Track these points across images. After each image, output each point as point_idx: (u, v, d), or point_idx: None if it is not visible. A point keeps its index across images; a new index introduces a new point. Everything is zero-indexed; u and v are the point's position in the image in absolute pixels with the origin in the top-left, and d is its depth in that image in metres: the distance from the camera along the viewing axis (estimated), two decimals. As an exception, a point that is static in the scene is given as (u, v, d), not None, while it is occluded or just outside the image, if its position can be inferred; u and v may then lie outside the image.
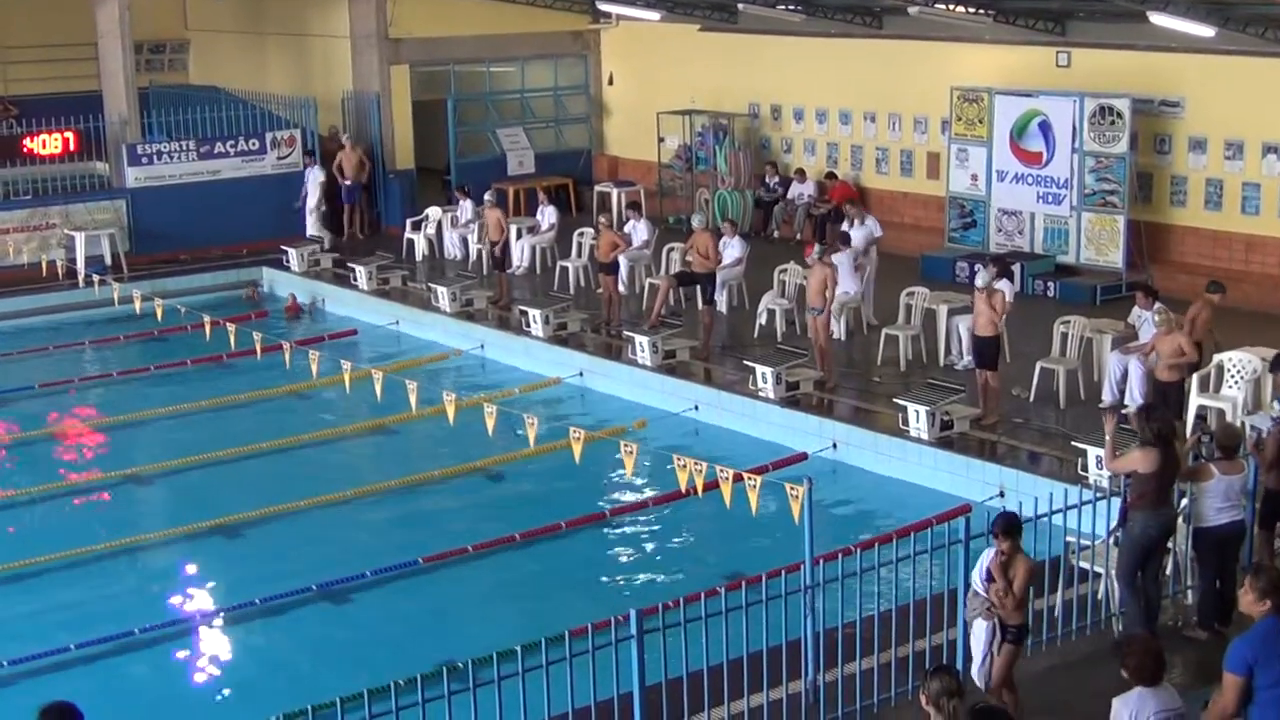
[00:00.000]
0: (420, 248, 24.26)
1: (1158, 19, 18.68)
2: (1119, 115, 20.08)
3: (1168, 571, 10.90)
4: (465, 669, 8.22)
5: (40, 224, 23.58)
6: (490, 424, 13.37)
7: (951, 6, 21.05)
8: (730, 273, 19.76)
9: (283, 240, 23.91)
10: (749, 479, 10.78)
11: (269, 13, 29.19)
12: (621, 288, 20.06)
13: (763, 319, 19.00)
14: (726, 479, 10.92)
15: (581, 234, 22.31)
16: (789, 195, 24.59)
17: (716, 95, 26.03)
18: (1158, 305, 14.83)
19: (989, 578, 9.20)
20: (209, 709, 11.26)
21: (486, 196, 22.13)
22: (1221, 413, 14.15)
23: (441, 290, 20.84)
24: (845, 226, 19.36)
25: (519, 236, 23.03)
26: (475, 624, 12.34)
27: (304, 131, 25.64)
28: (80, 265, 22.36)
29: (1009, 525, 9.20)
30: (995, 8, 21.13)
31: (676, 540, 14.23)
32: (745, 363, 17.02)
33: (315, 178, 24.76)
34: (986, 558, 9.27)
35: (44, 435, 17.52)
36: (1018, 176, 21.32)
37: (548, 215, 23.22)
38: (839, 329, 18.32)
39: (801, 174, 24.65)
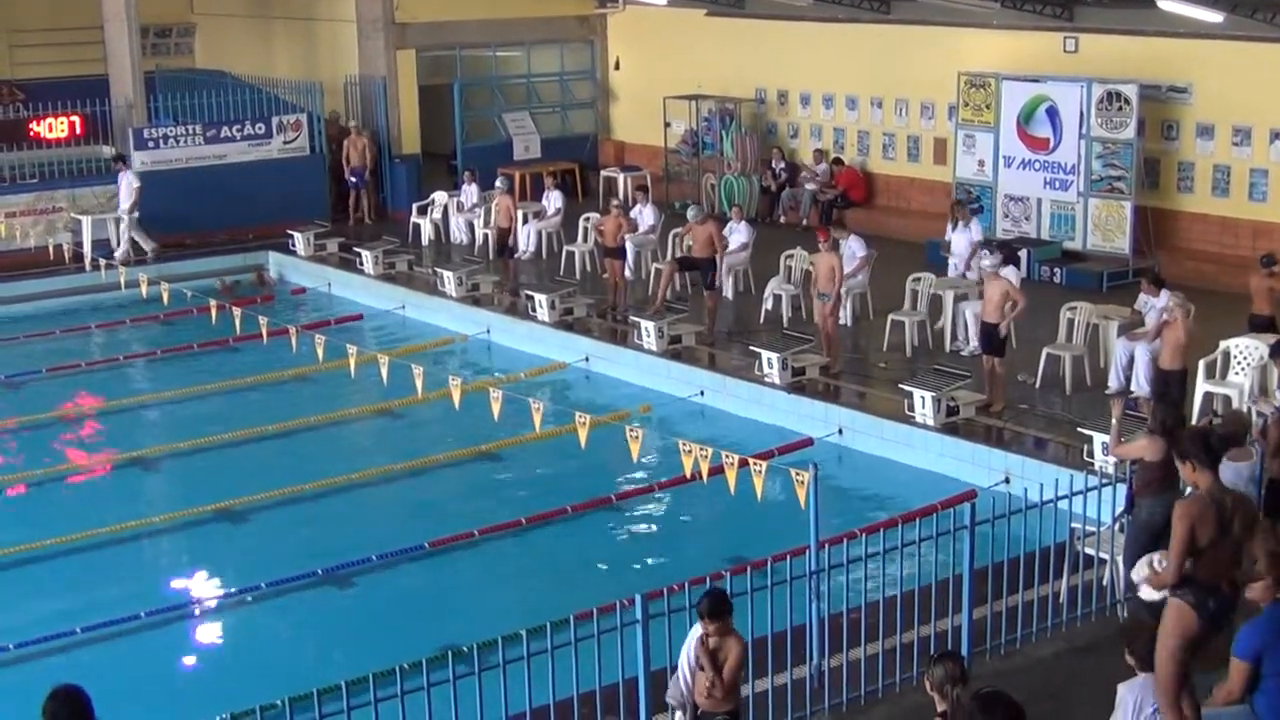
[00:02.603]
0: (426, 232, 24.24)
1: (1166, 4, 18.62)
2: (1126, 101, 20.02)
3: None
4: (470, 653, 8.22)
5: (47, 207, 23.56)
6: (496, 408, 13.35)
7: (959, -9, 21.00)
8: (736, 258, 19.72)
9: (288, 225, 23.89)
10: (754, 464, 10.76)
11: (275, -3, 29.18)
12: (628, 273, 20.03)
13: (768, 304, 18.97)
14: (732, 464, 10.90)
15: (587, 219, 22.28)
16: (809, 177, 24.43)
17: (723, 80, 25.97)
18: (1169, 292, 14.81)
19: (699, 663, 8.08)
20: (214, 692, 11.25)
21: (498, 183, 22.12)
22: (1227, 399, 14.12)
23: (447, 275, 20.83)
24: (950, 230, 18.47)
25: (525, 221, 23.00)
26: (480, 608, 12.34)
27: (310, 116, 25.61)
28: (87, 249, 22.37)
29: (715, 606, 8.01)
30: (1003, -7, 21.09)
31: (681, 525, 14.24)
32: (751, 348, 17.00)
33: (129, 183, 23.07)
34: (695, 635, 8.16)
35: (51, 419, 17.52)
36: (1025, 162, 21.26)
37: (554, 200, 23.20)
38: (845, 315, 18.28)
39: (820, 154, 24.50)
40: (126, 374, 19.21)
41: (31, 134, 24.98)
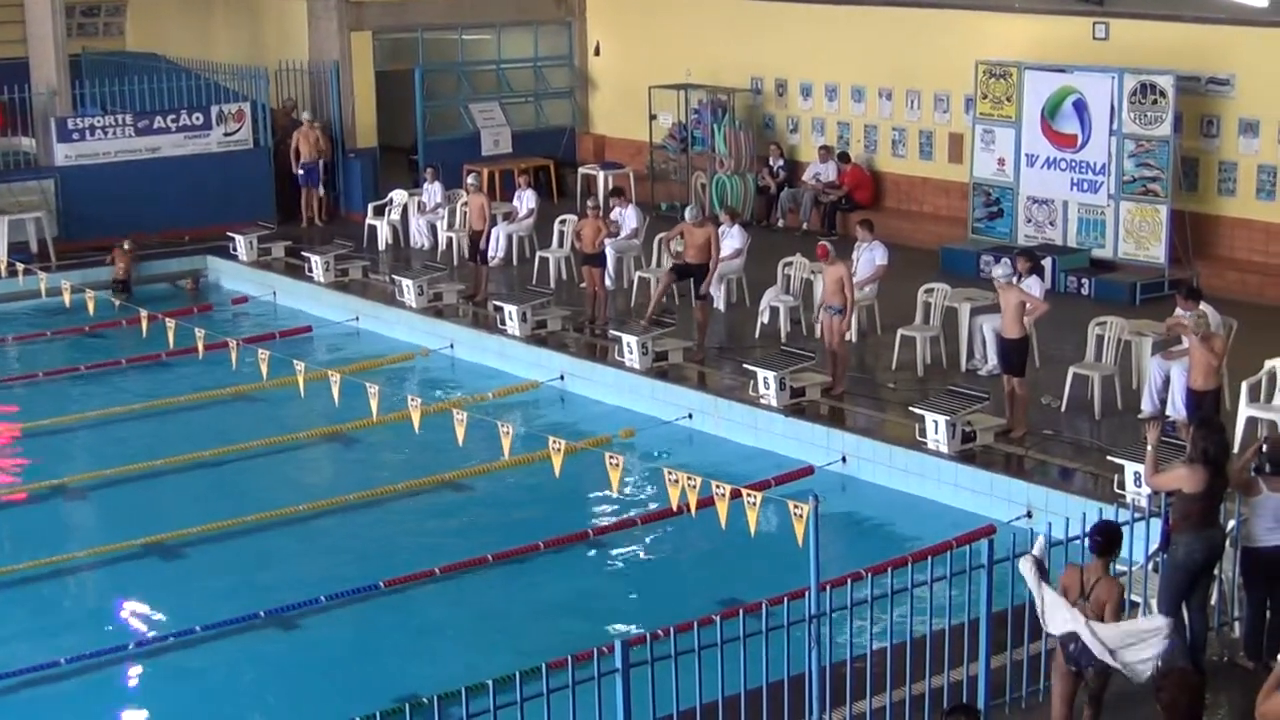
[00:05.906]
0: (383, 235, 24.27)
1: (1206, -13, 18.76)
2: (1162, 94, 20.14)
3: (1213, 601, 10.92)
4: (430, 705, 8.21)
5: (-43, 207, 23.53)
6: (460, 432, 13.37)
7: (977, -29, 21.14)
8: (729, 266, 19.76)
9: (229, 226, 23.89)
10: (748, 495, 10.78)
11: (216, -28, 29.24)
12: (608, 282, 20.06)
13: (765, 317, 19.01)
14: (723, 495, 10.93)
15: (563, 221, 22.33)
16: (813, 176, 24.45)
17: (715, 68, 26.05)
18: (1202, 306, 14.85)
19: None
20: (144, 749, 11.28)
21: (470, 180, 22.12)
22: (1273, 424, 14.20)
23: (407, 283, 20.84)
24: None
25: (494, 224, 23.02)
26: (442, 655, 12.35)
27: (254, 105, 25.62)
28: (3, 253, 22.36)
29: None
30: (1025, -27, 21.24)
31: (667, 563, 14.24)
32: (745, 366, 17.03)
33: None
34: None
35: (-39, 442, 17.52)
36: (1049, 161, 21.37)
37: (526, 200, 23.23)
38: (850, 329, 18.31)
39: (827, 152, 24.52)
40: (46, 392, 19.16)
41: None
